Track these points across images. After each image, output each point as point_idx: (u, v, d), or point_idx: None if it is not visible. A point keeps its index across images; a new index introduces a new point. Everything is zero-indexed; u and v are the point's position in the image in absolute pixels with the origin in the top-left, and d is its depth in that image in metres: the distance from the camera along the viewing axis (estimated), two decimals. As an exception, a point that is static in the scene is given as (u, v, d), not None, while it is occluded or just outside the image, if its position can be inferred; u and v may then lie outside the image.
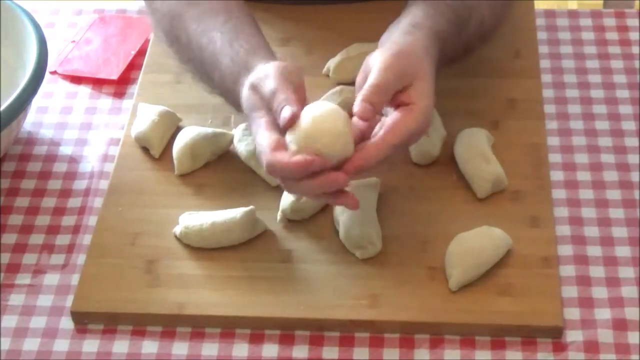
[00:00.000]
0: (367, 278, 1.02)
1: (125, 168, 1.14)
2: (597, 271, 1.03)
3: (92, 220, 1.10)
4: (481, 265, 1.01)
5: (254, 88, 1.00)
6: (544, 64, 1.24)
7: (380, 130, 0.98)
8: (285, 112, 0.96)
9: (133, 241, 1.07)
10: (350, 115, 0.98)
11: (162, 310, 1.01)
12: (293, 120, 0.96)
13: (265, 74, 1.00)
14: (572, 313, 1.00)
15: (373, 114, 0.97)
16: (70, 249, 1.09)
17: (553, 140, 1.15)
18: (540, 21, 1.30)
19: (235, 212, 1.05)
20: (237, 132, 1.14)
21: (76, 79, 1.28)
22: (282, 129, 0.97)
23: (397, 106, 0.99)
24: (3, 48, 1.21)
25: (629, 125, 1.17)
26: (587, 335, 0.98)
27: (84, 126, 1.22)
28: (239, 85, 1.03)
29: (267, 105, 0.99)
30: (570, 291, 1.02)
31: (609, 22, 1.30)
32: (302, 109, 0.97)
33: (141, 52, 1.28)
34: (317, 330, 1.00)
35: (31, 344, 1.01)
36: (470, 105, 1.17)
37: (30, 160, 1.18)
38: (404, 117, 0.98)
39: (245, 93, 1.01)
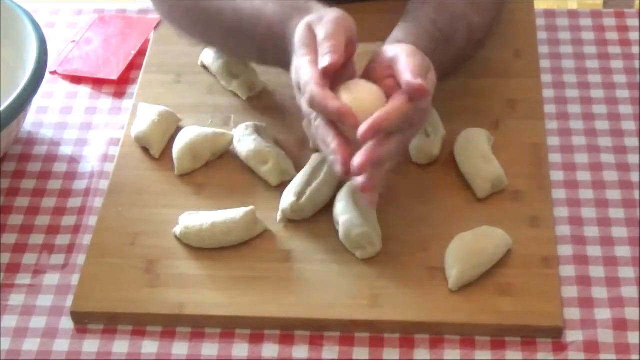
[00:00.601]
0: (367, 278, 1.02)
1: (125, 168, 1.14)
2: (597, 271, 1.03)
3: (92, 220, 1.10)
4: (481, 265, 1.01)
5: (310, 27, 1.01)
6: (544, 64, 1.24)
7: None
8: (327, 59, 0.97)
9: (133, 241, 1.07)
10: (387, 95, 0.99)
11: (162, 310, 1.01)
12: (333, 67, 0.97)
13: (324, 17, 1.01)
14: (572, 313, 1.00)
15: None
16: (70, 249, 1.09)
17: (553, 140, 1.15)
18: (540, 21, 1.30)
19: (235, 212, 1.05)
20: (237, 132, 1.14)
21: (76, 79, 1.28)
22: (322, 72, 0.98)
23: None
24: (3, 48, 1.21)
25: (629, 125, 1.17)
26: (587, 335, 0.98)
27: (84, 126, 1.22)
28: (289, 28, 1.04)
29: (318, 45, 1.00)
30: (570, 291, 1.02)
31: (609, 22, 1.30)
32: (344, 61, 0.99)
33: (141, 52, 1.28)
34: (317, 330, 1.00)
35: (31, 344, 1.01)
36: (470, 105, 1.17)
37: (30, 160, 1.18)
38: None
39: (300, 28, 1.02)
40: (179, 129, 1.16)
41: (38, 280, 1.06)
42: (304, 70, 0.99)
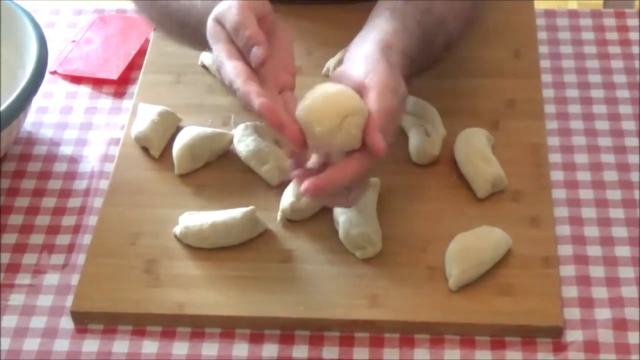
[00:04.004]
0: (367, 278, 1.02)
1: (125, 168, 1.14)
2: (597, 271, 1.03)
3: (92, 220, 1.10)
4: (481, 265, 1.01)
5: (218, 20, 0.99)
6: (544, 64, 1.24)
7: None
8: (258, 53, 0.96)
9: (133, 241, 1.07)
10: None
11: (162, 310, 1.01)
12: (266, 60, 0.96)
13: (228, 6, 0.99)
14: (572, 313, 1.00)
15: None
16: (70, 249, 1.09)
17: (553, 140, 1.15)
18: (540, 21, 1.30)
19: (235, 212, 1.05)
20: (237, 132, 1.14)
21: (76, 79, 1.28)
22: (255, 69, 0.97)
23: None
24: (3, 48, 1.21)
25: (629, 125, 1.17)
26: (587, 335, 0.98)
27: (84, 126, 1.22)
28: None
29: (232, 38, 0.98)
30: (570, 291, 1.02)
31: (609, 22, 1.30)
32: (268, 45, 0.97)
33: (141, 52, 1.28)
34: (317, 330, 1.00)
35: (31, 344, 1.01)
36: (470, 105, 1.17)
37: (30, 160, 1.18)
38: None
39: (209, 24, 1.00)
40: (179, 129, 1.16)
41: (38, 280, 1.06)
42: (225, 69, 0.97)
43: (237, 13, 0.97)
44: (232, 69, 0.96)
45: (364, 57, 1.01)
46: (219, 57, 0.98)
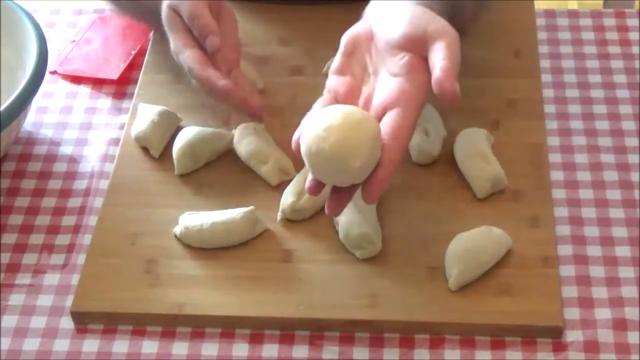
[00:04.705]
0: (367, 278, 1.02)
1: (125, 168, 1.14)
2: (597, 271, 1.03)
3: (92, 220, 1.10)
4: (481, 265, 1.01)
5: (173, 8, 1.06)
6: (544, 64, 1.24)
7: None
8: (213, 42, 1.03)
9: (133, 241, 1.07)
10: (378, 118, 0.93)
11: (162, 310, 1.01)
12: (217, 48, 1.04)
13: None
14: (572, 313, 1.00)
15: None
16: (70, 249, 1.09)
17: (553, 140, 1.15)
18: (540, 21, 1.30)
19: (235, 212, 1.05)
20: (237, 132, 1.14)
21: (76, 79, 1.28)
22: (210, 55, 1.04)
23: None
24: (3, 48, 1.21)
25: (629, 125, 1.17)
26: (587, 335, 0.98)
27: (84, 126, 1.22)
28: (157, 6, 1.09)
29: (189, 26, 1.05)
30: (570, 291, 1.02)
31: (609, 22, 1.30)
32: (218, 31, 1.05)
33: (141, 52, 1.28)
34: (317, 330, 1.00)
35: (31, 344, 1.01)
36: (470, 105, 1.17)
37: (30, 160, 1.18)
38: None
39: (164, 12, 1.07)
40: (179, 129, 1.16)
41: (38, 280, 1.06)
42: (184, 56, 1.05)
43: (190, 3, 1.05)
44: (190, 56, 1.05)
45: (407, 14, 0.97)
46: (177, 44, 1.06)
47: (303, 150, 0.93)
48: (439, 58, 0.92)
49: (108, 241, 1.07)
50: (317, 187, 0.94)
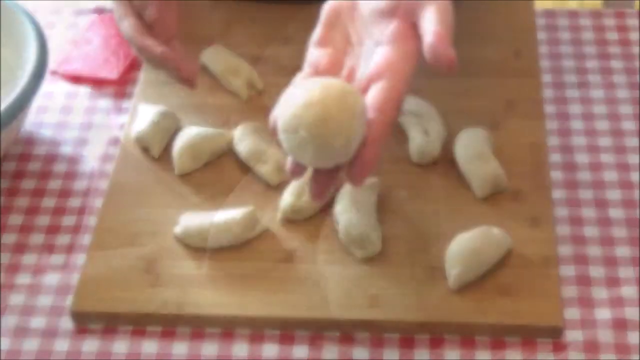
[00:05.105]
0: (367, 278, 1.02)
1: (125, 168, 1.14)
2: (597, 271, 1.03)
3: (92, 220, 1.11)
4: (481, 265, 1.01)
5: None
6: (544, 64, 1.24)
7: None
8: (150, 13, 1.06)
9: (133, 241, 1.07)
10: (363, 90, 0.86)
11: (162, 310, 1.01)
12: (157, 19, 1.05)
13: None
14: (572, 313, 1.00)
15: None
16: (70, 249, 1.09)
17: (553, 140, 1.15)
18: (540, 21, 1.30)
19: (235, 212, 1.05)
20: (237, 132, 1.14)
21: (76, 79, 1.28)
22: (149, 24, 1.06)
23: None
24: (3, 48, 1.21)
25: (629, 125, 1.17)
26: (587, 335, 0.98)
27: (84, 126, 1.22)
28: None
29: None
30: (570, 291, 1.02)
31: (609, 22, 1.30)
32: (156, 3, 1.07)
33: (141, 52, 1.28)
34: (317, 330, 1.00)
35: (31, 344, 1.01)
36: (470, 105, 1.17)
37: (30, 160, 1.18)
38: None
39: None
40: (179, 129, 1.16)
41: (38, 280, 1.06)
42: (125, 25, 1.07)
43: None
44: (131, 25, 1.07)
45: None
46: (119, 13, 1.08)
47: (279, 129, 0.85)
48: (430, 23, 0.86)
49: (108, 241, 1.07)
50: (298, 168, 0.88)
